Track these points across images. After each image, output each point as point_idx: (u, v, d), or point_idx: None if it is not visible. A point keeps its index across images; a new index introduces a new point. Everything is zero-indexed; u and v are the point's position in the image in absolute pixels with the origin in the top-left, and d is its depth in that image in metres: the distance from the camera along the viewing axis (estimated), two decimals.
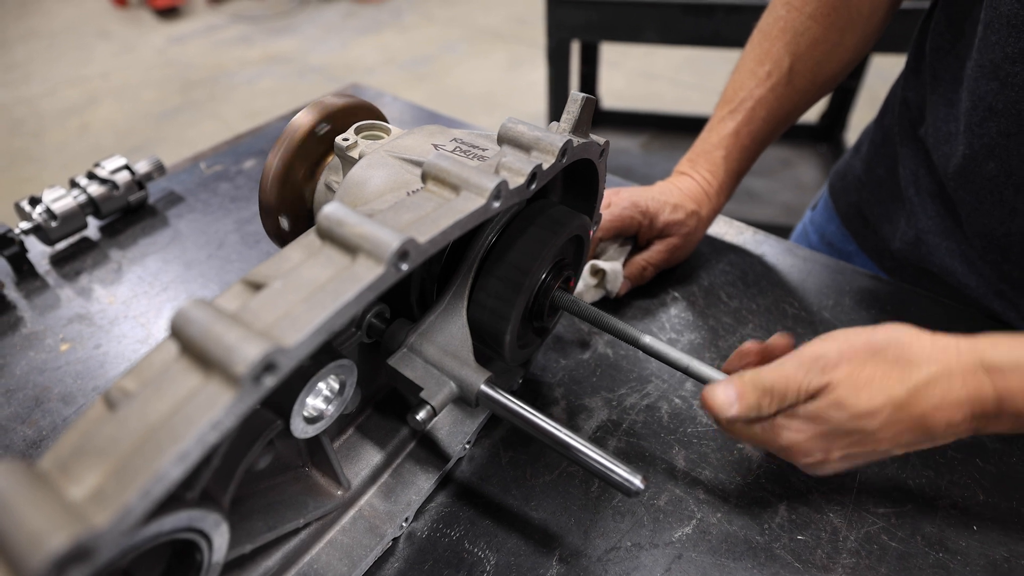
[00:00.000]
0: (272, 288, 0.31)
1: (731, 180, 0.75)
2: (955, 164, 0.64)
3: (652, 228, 0.71)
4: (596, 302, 0.71)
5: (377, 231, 0.32)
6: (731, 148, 0.72)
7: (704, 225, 0.75)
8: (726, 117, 0.72)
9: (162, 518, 0.30)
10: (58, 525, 0.22)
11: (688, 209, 0.71)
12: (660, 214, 0.70)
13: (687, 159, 0.76)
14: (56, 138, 3.13)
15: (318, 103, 0.54)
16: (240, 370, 0.26)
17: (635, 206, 0.70)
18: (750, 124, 0.71)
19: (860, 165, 0.85)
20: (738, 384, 0.44)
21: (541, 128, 0.45)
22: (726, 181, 0.74)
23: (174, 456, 0.24)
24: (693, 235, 0.73)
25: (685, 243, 0.73)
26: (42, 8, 4.57)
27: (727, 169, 0.73)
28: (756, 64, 0.71)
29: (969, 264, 0.69)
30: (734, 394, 0.43)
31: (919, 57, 0.72)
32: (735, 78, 0.73)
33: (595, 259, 0.71)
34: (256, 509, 0.44)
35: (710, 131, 0.74)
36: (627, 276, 0.71)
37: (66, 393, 0.66)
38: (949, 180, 0.66)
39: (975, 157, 0.61)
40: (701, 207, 0.73)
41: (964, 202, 0.65)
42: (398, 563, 0.51)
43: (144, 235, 0.88)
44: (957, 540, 0.50)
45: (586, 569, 0.50)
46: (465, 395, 0.45)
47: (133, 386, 0.29)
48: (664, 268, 0.74)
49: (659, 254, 0.72)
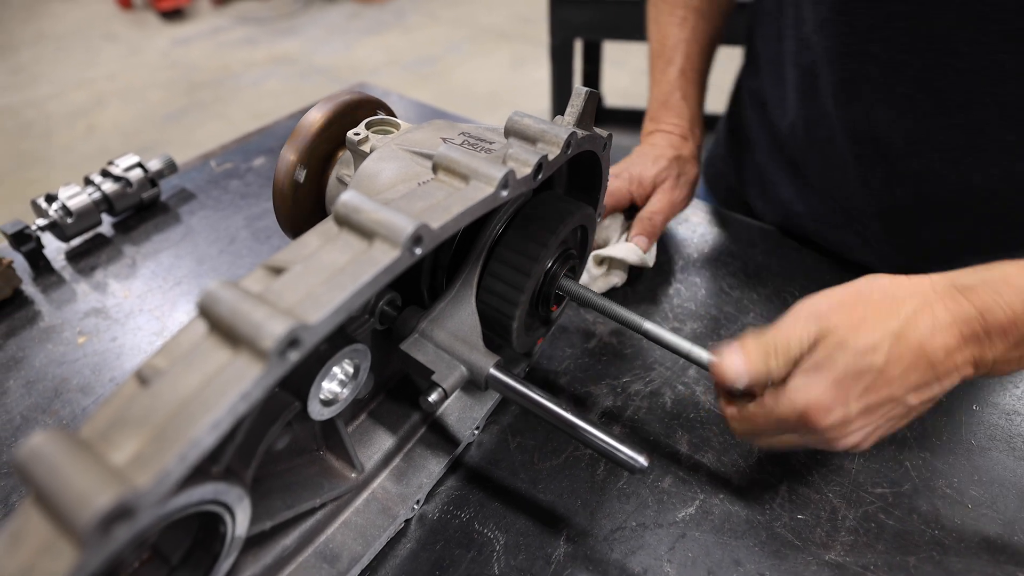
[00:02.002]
0: (294, 271, 0.32)
1: (697, 113, 0.80)
2: (798, 134, 0.74)
3: (643, 188, 0.74)
4: (604, 292, 0.73)
5: (393, 217, 0.34)
6: (684, 87, 0.78)
7: (692, 163, 0.77)
8: (666, 67, 0.78)
9: (191, 489, 0.32)
10: (104, 486, 0.24)
11: (669, 156, 0.75)
12: (645, 173, 0.73)
13: (648, 120, 0.80)
14: (64, 139, 3.16)
15: (331, 99, 0.56)
16: (267, 345, 0.27)
17: (618, 176, 0.73)
18: (689, 61, 0.78)
19: (722, 152, 0.95)
20: (741, 348, 0.45)
21: (546, 121, 0.47)
22: (694, 117, 0.79)
23: (207, 424, 0.26)
24: (685, 175, 0.76)
25: (679, 185, 0.75)
26: (49, 11, 4.61)
27: (690, 106, 0.78)
28: (669, 15, 0.81)
29: (832, 226, 0.77)
30: (740, 358, 0.44)
31: (752, 45, 0.83)
32: (656, 34, 0.81)
33: (598, 249, 0.72)
34: (275, 489, 0.45)
35: (658, 85, 0.80)
36: (640, 233, 0.72)
37: (84, 384, 0.68)
38: (795, 149, 0.76)
39: (809, 124, 0.71)
40: (681, 149, 0.76)
41: (810, 165, 0.75)
42: (410, 543, 0.52)
43: (157, 231, 0.90)
44: (952, 518, 0.52)
45: (592, 548, 0.51)
46: (475, 378, 0.46)
47: (164, 363, 0.30)
48: (671, 215, 0.75)
49: (659, 202, 0.74)
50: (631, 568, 0.50)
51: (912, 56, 0.57)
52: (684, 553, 0.50)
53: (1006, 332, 0.41)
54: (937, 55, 0.56)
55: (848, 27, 0.60)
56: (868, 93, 0.62)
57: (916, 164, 0.64)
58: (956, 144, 0.60)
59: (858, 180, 0.69)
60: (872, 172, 0.67)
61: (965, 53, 0.54)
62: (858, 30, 0.59)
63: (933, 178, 0.64)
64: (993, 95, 0.55)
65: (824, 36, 0.62)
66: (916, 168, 0.64)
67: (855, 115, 0.64)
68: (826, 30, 0.62)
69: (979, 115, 0.57)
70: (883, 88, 0.61)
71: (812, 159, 0.74)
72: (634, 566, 0.50)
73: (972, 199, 0.63)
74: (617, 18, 1.76)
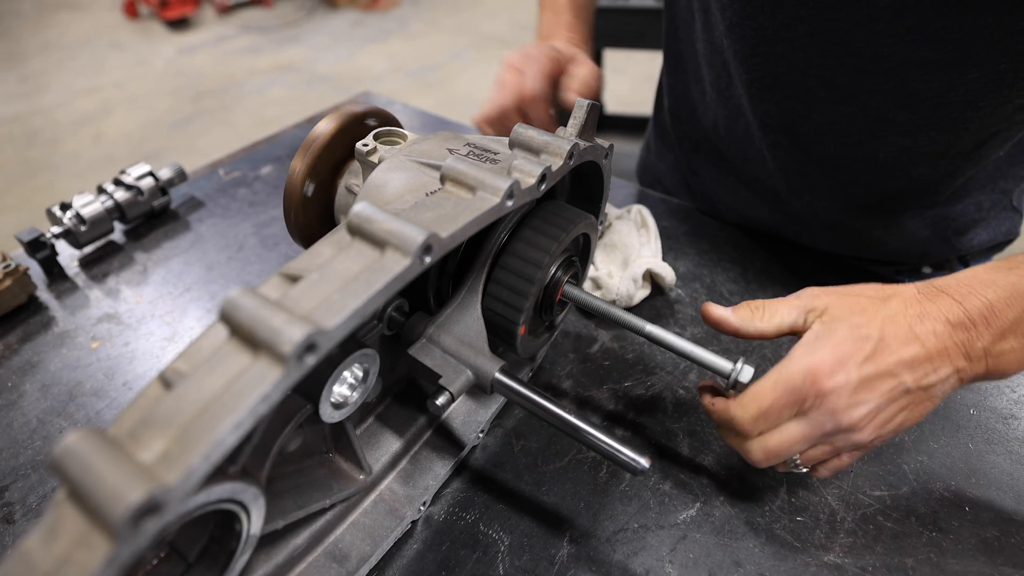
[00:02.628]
0: (309, 279, 0.34)
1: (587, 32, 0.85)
2: (719, 129, 0.80)
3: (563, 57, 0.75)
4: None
5: (403, 227, 0.35)
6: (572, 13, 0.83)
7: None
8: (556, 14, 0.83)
9: (210, 488, 0.33)
10: (135, 482, 0.25)
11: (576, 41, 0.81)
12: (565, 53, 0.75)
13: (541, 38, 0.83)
14: (71, 147, 3.20)
15: (339, 110, 0.57)
16: (286, 349, 0.29)
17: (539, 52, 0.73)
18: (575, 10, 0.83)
19: (653, 156, 1.02)
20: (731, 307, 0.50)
21: (549, 133, 0.49)
22: (585, 34, 0.84)
23: (230, 425, 0.27)
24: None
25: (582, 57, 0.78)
26: (56, 21, 4.66)
27: (580, 29, 0.83)
28: None
29: (758, 210, 0.85)
30: (728, 310, 0.50)
31: (667, 52, 0.88)
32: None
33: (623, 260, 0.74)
34: (286, 489, 0.47)
35: (546, 11, 0.84)
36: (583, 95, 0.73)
37: (98, 388, 0.70)
38: (718, 143, 0.82)
39: (728, 119, 0.77)
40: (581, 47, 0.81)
41: (733, 157, 0.82)
42: (417, 544, 0.53)
43: (167, 238, 0.92)
44: (950, 520, 0.53)
45: (595, 549, 0.52)
46: (481, 382, 0.48)
47: (186, 367, 0.32)
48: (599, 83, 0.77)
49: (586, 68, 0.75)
50: (633, 569, 0.51)
51: (813, 55, 0.63)
52: (685, 554, 0.52)
53: (988, 319, 0.44)
54: (836, 54, 0.62)
55: (754, 31, 0.66)
56: (777, 90, 0.69)
57: (825, 149, 0.71)
58: (858, 128, 0.67)
59: (775, 166, 0.77)
60: (787, 159, 0.75)
61: (858, 50, 0.61)
62: (764, 33, 0.65)
63: (842, 160, 0.71)
64: (884, 84, 0.62)
65: (733, 40, 0.68)
66: (826, 152, 0.71)
67: (768, 109, 0.71)
68: (734, 34, 0.68)
69: (874, 102, 0.64)
70: (790, 85, 0.67)
71: (734, 151, 0.81)
72: (636, 567, 0.51)
73: (876, 173, 0.71)
74: (617, 27, 1.78)
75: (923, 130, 0.64)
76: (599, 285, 0.73)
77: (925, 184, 0.72)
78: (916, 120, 0.63)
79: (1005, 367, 0.46)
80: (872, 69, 0.61)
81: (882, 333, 0.44)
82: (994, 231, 0.81)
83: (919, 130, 0.64)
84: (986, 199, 0.76)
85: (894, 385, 0.45)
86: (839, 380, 0.44)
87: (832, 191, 0.76)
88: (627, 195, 0.96)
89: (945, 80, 0.59)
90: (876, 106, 0.64)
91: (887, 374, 0.44)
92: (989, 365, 0.45)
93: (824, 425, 0.45)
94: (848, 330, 0.45)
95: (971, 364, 0.45)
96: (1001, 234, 0.82)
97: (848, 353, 0.44)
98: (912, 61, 0.59)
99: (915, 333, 0.44)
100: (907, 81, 0.60)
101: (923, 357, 0.44)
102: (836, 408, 0.44)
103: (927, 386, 0.45)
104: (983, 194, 0.75)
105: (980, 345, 0.44)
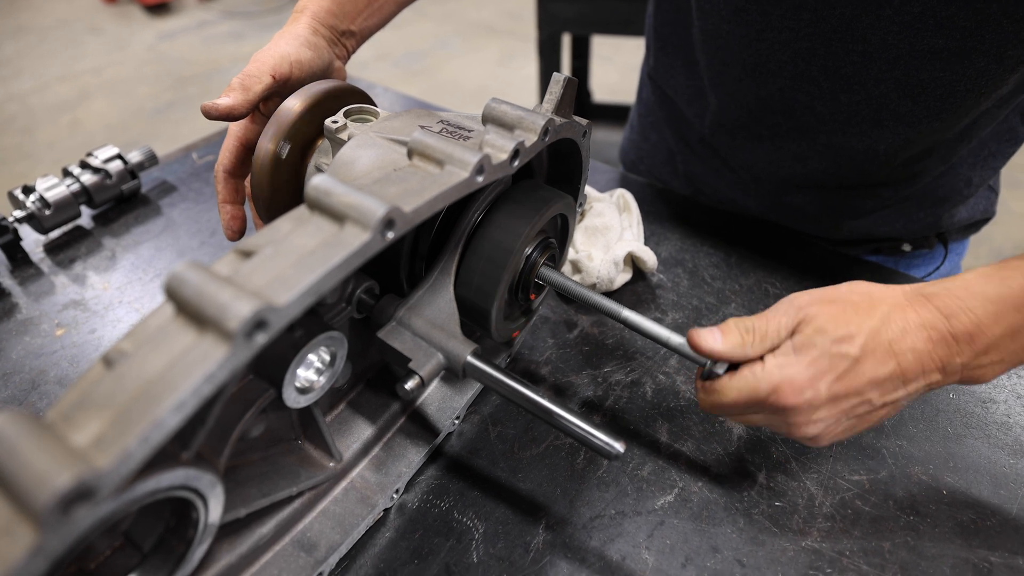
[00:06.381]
0: (263, 254, 0.32)
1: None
2: (709, 117, 0.79)
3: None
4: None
5: (364, 200, 0.33)
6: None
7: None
8: None
9: (160, 474, 0.32)
10: (63, 466, 0.23)
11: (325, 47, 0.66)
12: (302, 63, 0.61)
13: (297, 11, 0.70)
14: (47, 134, 3.12)
15: (310, 87, 0.55)
16: (233, 326, 0.27)
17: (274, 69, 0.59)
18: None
19: (636, 139, 1.01)
20: (720, 327, 0.47)
21: (524, 108, 0.47)
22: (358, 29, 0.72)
23: (171, 406, 0.26)
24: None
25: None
26: (31, 4, 4.53)
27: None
28: None
29: (743, 191, 0.85)
30: (718, 333, 0.46)
31: (655, 36, 0.86)
32: None
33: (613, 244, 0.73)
34: (251, 477, 0.45)
35: None
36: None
37: (62, 376, 0.68)
38: (706, 130, 0.81)
39: (722, 102, 0.75)
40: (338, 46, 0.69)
41: (722, 145, 0.81)
42: (389, 532, 0.52)
43: (137, 223, 0.89)
44: (927, 504, 0.52)
45: (571, 536, 0.51)
46: (452, 365, 0.46)
47: (130, 346, 0.30)
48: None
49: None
50: (610, 555, 0.50)
51: (818, 43, 0.63)
52: (663, 540, 0.51)
53: (972, 337, 0.43)
54: (842, 41, 0.61)
55: (761, 15, 0.64)
56: (781, 77, 0.68)
57: (828, 138, 0.70)
58: (862, 118, 0.67)
59: (772, 154, 0.76)
60: (787, 146, 0.74)
61: (864, 37, 0.60)
62: (770, 19, 0.64)
63: (842, 148, 0.70)
64: (890, 72, 0.61)
65: (737, 24, 0.67)
66: (829, 142, 0.70)
67: (770, 94, 0.70)
68: (740, 18, 0.66)
69: (879, 91, 0.63)
70: (793, 72, 0.66)
71: (723, 136, 0.80)
72: (613, 553, 0.50)
73: (875, 161, 0.70)
74: (605, 13, 1.77)
75: (925, 120, 0.63)
76: (579, 268, 0.71)
77: (921, 171, 0.71)
78: (919, 110, 0.63)
79: (980, 377, 0.45)
80: (878, 57, 0.60)
81: (862, 351, 0.43)
82: (972, 209, 0.81)
83: (922, 120, 0.64)
84: (976, 175, 0.75)
85: (858, 403, 0.45)
86: (807, 396, 0.44)
87: (826, 177, 0.75)
88: (610, 180, 0.94)
89: (951, 69, 0.58)
90: (881, 95, 0.63)
91: (855, 393, 0.44)
92: (964, 376, 0.45)
93: (777, 427, 0.47)
94: (829, 345, 0.43)
95: (945, 377, 0.45)
96: (979, 212, 0.82)
97: (823, 370, 0.43)
98: (919, 49, 0.58)
99: (894, 350, 0.43)
100: (913, 70, 0.60)
101: (896, 375, 0.44)
102: (795, 422, 0.45)
103: (892, 400, 0.45)
104: (972, 171, 0.75)
105: (959, 361, 0.44)
